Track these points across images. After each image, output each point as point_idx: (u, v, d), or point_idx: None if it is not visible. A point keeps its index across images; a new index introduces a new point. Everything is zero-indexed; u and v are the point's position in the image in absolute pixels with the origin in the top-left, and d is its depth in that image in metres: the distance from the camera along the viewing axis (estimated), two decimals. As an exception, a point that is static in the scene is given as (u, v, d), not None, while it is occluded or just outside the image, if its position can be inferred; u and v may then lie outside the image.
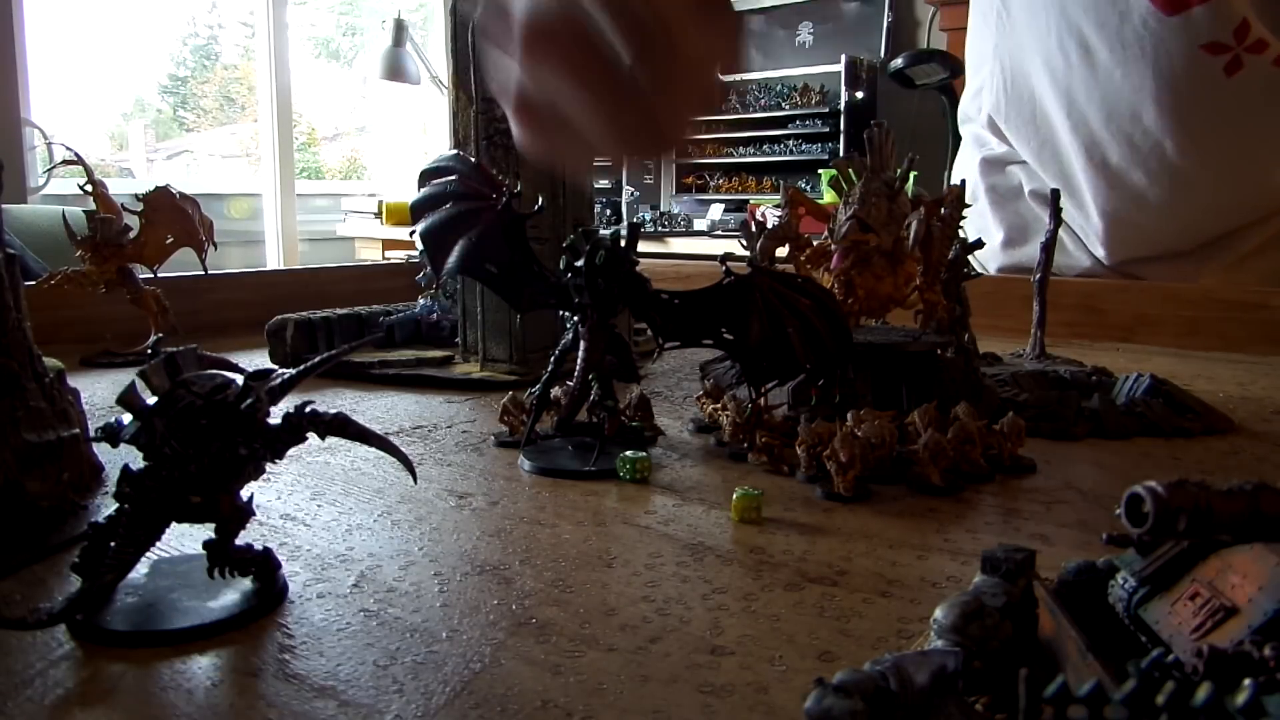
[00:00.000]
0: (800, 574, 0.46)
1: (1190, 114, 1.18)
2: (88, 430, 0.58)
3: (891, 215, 0.74)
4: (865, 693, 0.25)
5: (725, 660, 0.37)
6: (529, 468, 0.63)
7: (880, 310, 0.77)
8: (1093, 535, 0.51)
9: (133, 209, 0.99)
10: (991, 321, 1.00)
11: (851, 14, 4.26)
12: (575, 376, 0.64)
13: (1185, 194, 1.22)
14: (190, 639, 0.38)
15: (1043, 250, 0.93)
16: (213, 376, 0.41)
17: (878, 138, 0.77)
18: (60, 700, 0.34)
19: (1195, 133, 1.19)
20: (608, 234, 0.63)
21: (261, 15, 4.00)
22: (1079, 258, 1.34)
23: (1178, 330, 1.18)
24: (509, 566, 0.46)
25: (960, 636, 0.30)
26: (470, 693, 0.34)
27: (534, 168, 0.88)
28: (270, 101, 4.06)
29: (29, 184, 3.07)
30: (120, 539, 0.39)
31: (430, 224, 0.68)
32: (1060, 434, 0.73)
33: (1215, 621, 0.27)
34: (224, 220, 3.98)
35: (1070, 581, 0.33)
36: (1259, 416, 0.81)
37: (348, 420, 0.42)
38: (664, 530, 0.52)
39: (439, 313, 1.04)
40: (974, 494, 0.59)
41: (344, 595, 0.43)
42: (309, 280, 1.39)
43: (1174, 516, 0.27)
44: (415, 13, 4.82)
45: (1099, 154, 1.24)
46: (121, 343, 1.02)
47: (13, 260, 0.54)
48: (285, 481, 0.60)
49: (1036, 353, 0.93)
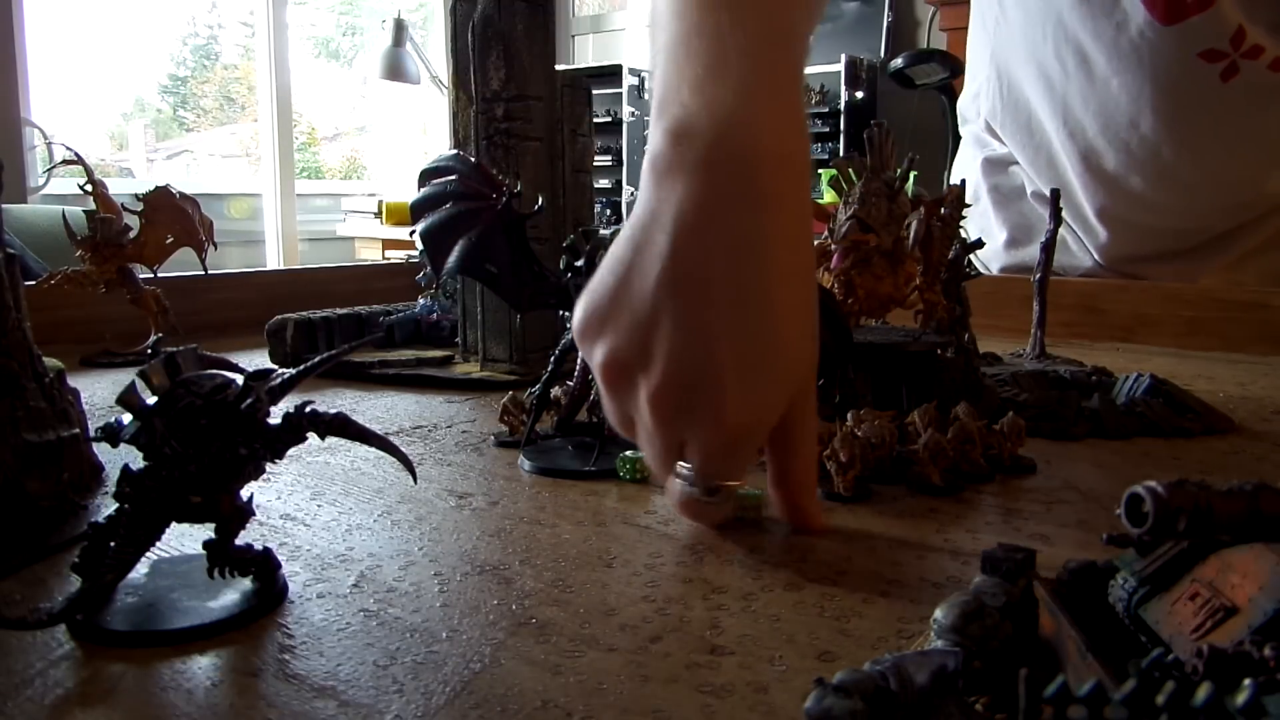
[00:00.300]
0: (800, 574, 0.46)
1: (1187, 119, 1.19)
2: (88, 430, 0.58)
3: (891, 215, 0.74)
4: (865, 693, 0.25)
5: (725, 660, 0.37)
6: (529, 468, 0.63)
7: (880, 310, 0.76)
8: (1093, 535, 0.51)
9: (133, 209, 0.99)
10: (991, 321, 1.00)
11: (851, 14, 4.26)
12: (575, 376, 0.64)
13: (1183, 196, 1.23)
14: (190, 639, 0.38)
15: (1043, 250, 0.93)
16: (213, 376, 0.41)
17: (878, 138, 0.77)
18: (60, 700, 0.34)
19: (1192, 137, 1.20)
20: (608, 234, 0.63)
21: (261, 15, 4.00)
22: (1081, 258, 1.34)
23: (1178, 330, 1.18)
24: (509, 566, 0.46)
25: (960, 636, 0.30)
26: (470, 693, 0.34)
27: (534, 168, 0.89)
28: (270, 101, 4.06)
29: (29, 184, 3.07)
30: (120, 539, 0.39)
31: (430, 224, 0.68)
32: (1060, 434, 0.73)
33: (1215, 621, 0.27)
34: (224, 220, 3.99)
35: (1070, 581, 0.33)
36: (1259, 416, 0.81)
37: (348, 420, 0.42)
38: (664, 530, 0.52)
39: (439, 313, 1.04)
40: (974, 494, 0.59)
41: (344, 595, 0.43)
42: (309, 280, 1.39)
43: (1174, 516, 0.27)
44: (415, 13, 4.82)
45: (1095, 160, 1.25)
46: (121, 343, 1.02)
47: (13, 260, 0.54)
48: (285, 481, 0.60)
49: (1036, 353, 0.93)
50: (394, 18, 4.13)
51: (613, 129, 3.87)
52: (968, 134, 1.48)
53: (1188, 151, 1.20)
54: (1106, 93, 1.21)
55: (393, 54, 4.09)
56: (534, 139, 0.89)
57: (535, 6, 0.88)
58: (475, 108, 0.89)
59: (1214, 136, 1.19)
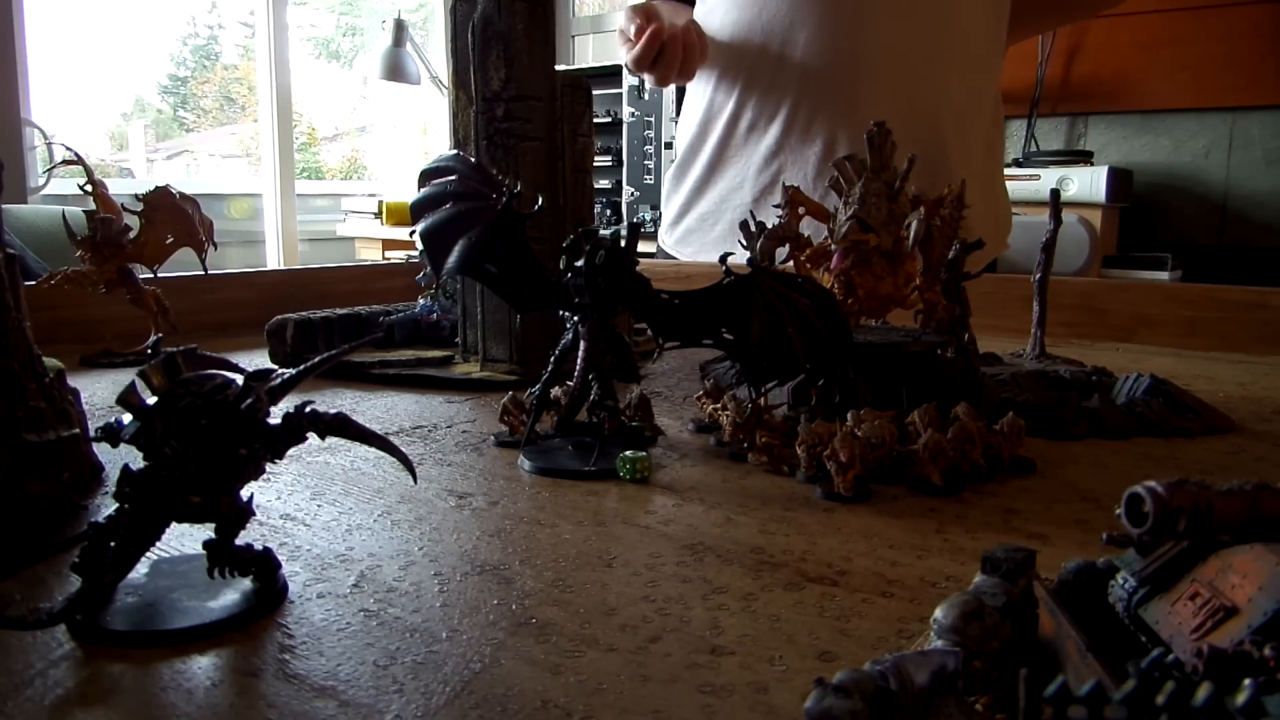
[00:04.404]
0: (800, 574, 0.46)
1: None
2: (88, 430, 0.58)
3: (891, 215, 0.74)
4: (865, 693, 0.25)
5: (725, 660, 0.37)
6: (529, 468, 0.63)
7: (880, 310, 0.77)
8: (1093, 535, 0.51)
9: (133, 209, 0.99)
10: (991, 321, 1.00)
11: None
12: (575, 376, 0.64)
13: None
14: (190, 639, 0.38)
15: (1043, 250, 0.93)
16: (213, 376, 0.41)
17: (878, 138, 0.77)
18: (60, 700, 0.34)
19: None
20: (608, 234, 0.63)
21: (261, 15, 4.00)
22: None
23: (1178, 330, 1.18)
24: (509, 566, 0.46)
25: (960, 636, 0.30)
26: (470, 693, 0.34)
27: (534, 168, 0.89)
28: (270, 101, 4.05)
29: (29, 184, 3.06)
30: (120, 539, 0.39)
31: (430, 224, 0.68)
32: (1060, 434, 0.73)
33: (1215, 621, 0.27)
34: (224, 220, 3.98)
35: (1070, 581, 0.33)
36: (1259, 416, 0.81)
37: (348, 420, 0.42)
38: (664, 530, 0.52)
39: (439, 313, 1.04)
40: (974, 494, 0.59)
41: (344, 595, 0.43)
42: (309, 280, 1.39)
43: (1174, 516, 0.27)
44: (415, 13, 4.82)
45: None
46: (121, 343, 1.03)
47: (13, 260, 0.54)
48: (285, 481, 0.60)
49: (1036, 353, 0.93)
50: (394, 18, 4.13)
51: (613, 129, 3.86)
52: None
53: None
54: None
55: (393, 54, 4.09)
56: (534, 139, 0.89)
57: (535, 6, 0.88)
58: (475, 108, 0.88)
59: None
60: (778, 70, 1.31)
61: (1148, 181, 3.09)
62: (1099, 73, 3.14)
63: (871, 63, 1.28)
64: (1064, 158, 3.10)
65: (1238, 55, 2.90)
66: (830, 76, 1.29)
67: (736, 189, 1.38)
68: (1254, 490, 0.28)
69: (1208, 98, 2.98)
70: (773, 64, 1.31)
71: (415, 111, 5.03)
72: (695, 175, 1.44)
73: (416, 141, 5.24)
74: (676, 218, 1.49)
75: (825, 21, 1.27)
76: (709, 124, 1.41)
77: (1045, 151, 3.19)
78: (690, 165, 1.45)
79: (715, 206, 1.42)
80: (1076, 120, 3.25)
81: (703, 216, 1.44)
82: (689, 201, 1.46)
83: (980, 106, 1.37)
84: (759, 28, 1.31)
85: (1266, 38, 2.86)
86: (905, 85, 1.28)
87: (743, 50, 1.33)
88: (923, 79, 1.29)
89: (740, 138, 1.37)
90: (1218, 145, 3.04)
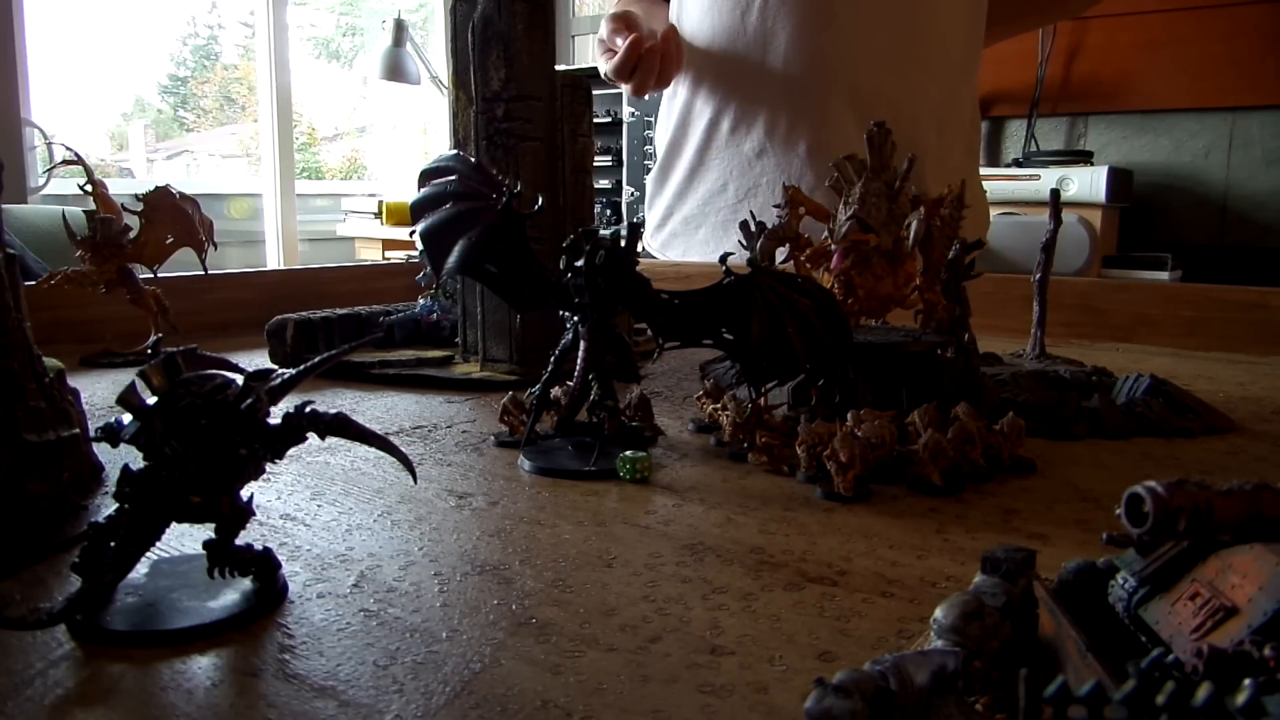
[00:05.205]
0: (800, 574, 0.46)
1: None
2: (88, 430, 0.58)
3: (891, 215, 0.74)
4: (865, 693, 0.25)
5: (725, 660, 0.37)
6: (529, 468, 0.63)
7: (880, 310, 0.77)
8: (1093, 535, 0.51)
9: (133, 209, 0.99)
10: (991, 321, 1.00)
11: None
12: (575, 376, 0.64)
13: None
14: (190, 639, 0.38)
15: (1043, 250, 0.93)
16: (213, 376, 0.41)
17: (878, 138, 0.77)
18: (60, 700, 0.34)
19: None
20: (608, 234, 0.63)
21: (261, 15, 3.99)
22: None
23: (1178, 330, 1.18)
24: (509, 566, 0.46)
25: (960, 636, 0.30)
26: (470, 693, 0.34)
27: (534, 168, 0.89)
28: (270, 101, 4.05)
29: (29, 184, 3.06)
30: (120, 539, 0.39)
31: (430, 224, 0.68)
32: (1060, 434, 0.73)
33: (1215, 621, 0.27)
34: (224, 220, 3.98)
35: (1070, 581, 0.33)
36: (1259, 416, 0.81)
37: (348, 420, 0.42)
38: (664, 530, 0.52)
39: (439, 313, 1.04)
40: (974, 494, 0.59)
41: (344, 595, 0.43)
42: (309, 280, 1.39)
43: (1174, 516, 0.27)
44: (415, 13, 4.82)
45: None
46: (121, 343, 1.02)
47: (13, 260, 0.54)
48: (285, 481, 0.60)
49: (1036, 353, 0.93)
50: (394, 18, 4.13)
51: (613, 129, 3.86)
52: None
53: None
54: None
55: (393, 54, 4.09)
56: (534, 139, 0.89)
57: (535, 6, 0.88)
58: (475, 108, 0.88)
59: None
60: (758, 73, 1.31)
61: (1148, 181, 3.09)
62: (1099, 73, 3.15)
63: (849, 65, 1.28)
64: (1064, 158, 3.11)
65: (1238, 55, 2.90)
66: (809, 79, 1.29)
67: (719, 192, 1.39)
68: (1254, 490, 0.28)
69: (1208, 98, 2.98)
70: (753, 68, 1.31)
71: (415, 111, 5.03)
72: (677, 179, 1.44)
73: (416, 141, 5.24)
74: (661, 221, 1.49)
75: (803, 25, 1.27)
76: (687, 126, 1.41)
77: (1045, 151, 3.19)
78: (671, 168, 1.45)
79: (698, 210, 1.42)
80: (1076, 120, 3.26)
81: (686, 220, 1.44)
82: (672, 205, 1.46)
83: (958, 108, 1.38)
84: (738, 30, 1.31)
85: (1266, 38, 2.86)
86: (883, 88, 1.28)
87: (721, 53, 1.33)
88: (900, 81, 1.29)
89: (721, 140, 1.37)
90: (1218, 145, 3.04)
